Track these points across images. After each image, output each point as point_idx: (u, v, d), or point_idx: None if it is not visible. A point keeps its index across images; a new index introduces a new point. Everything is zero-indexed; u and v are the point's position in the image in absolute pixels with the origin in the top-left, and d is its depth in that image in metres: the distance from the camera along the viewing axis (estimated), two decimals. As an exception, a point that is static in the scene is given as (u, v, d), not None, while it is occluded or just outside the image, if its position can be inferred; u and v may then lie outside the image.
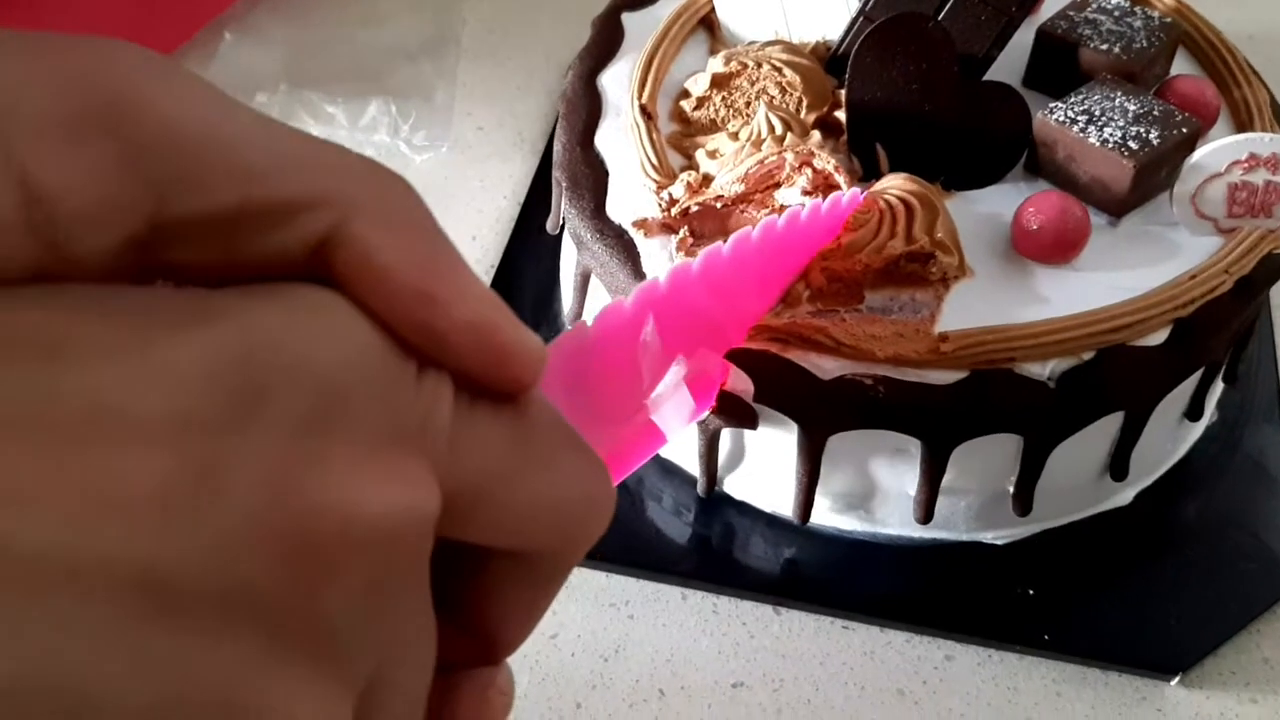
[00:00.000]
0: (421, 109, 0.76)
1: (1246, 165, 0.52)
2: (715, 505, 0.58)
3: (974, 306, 0.51)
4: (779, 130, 0.55)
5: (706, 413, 0.50)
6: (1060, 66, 0.59)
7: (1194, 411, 0.59)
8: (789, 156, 0.53)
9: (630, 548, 0.57)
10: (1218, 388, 0.62)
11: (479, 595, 0.22)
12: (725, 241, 0.44)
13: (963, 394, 0.49)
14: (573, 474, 0.21)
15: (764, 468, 0.56)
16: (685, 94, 0.60)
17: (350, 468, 0.16)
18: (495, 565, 0.22)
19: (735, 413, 0.52)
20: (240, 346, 0.16)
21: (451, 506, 0.18)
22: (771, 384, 0.50)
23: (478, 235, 0.72)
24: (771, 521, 0.58)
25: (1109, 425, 0.54)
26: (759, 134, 0.55)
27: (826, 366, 0.50)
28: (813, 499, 0.55)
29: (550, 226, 0.61)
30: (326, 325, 0.17)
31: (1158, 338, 0.51)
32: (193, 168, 0.17)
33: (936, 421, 0.50)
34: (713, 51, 0.62)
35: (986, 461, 0.53)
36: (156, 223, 0.16)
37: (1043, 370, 0.50)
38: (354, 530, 0.16)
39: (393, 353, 0.18)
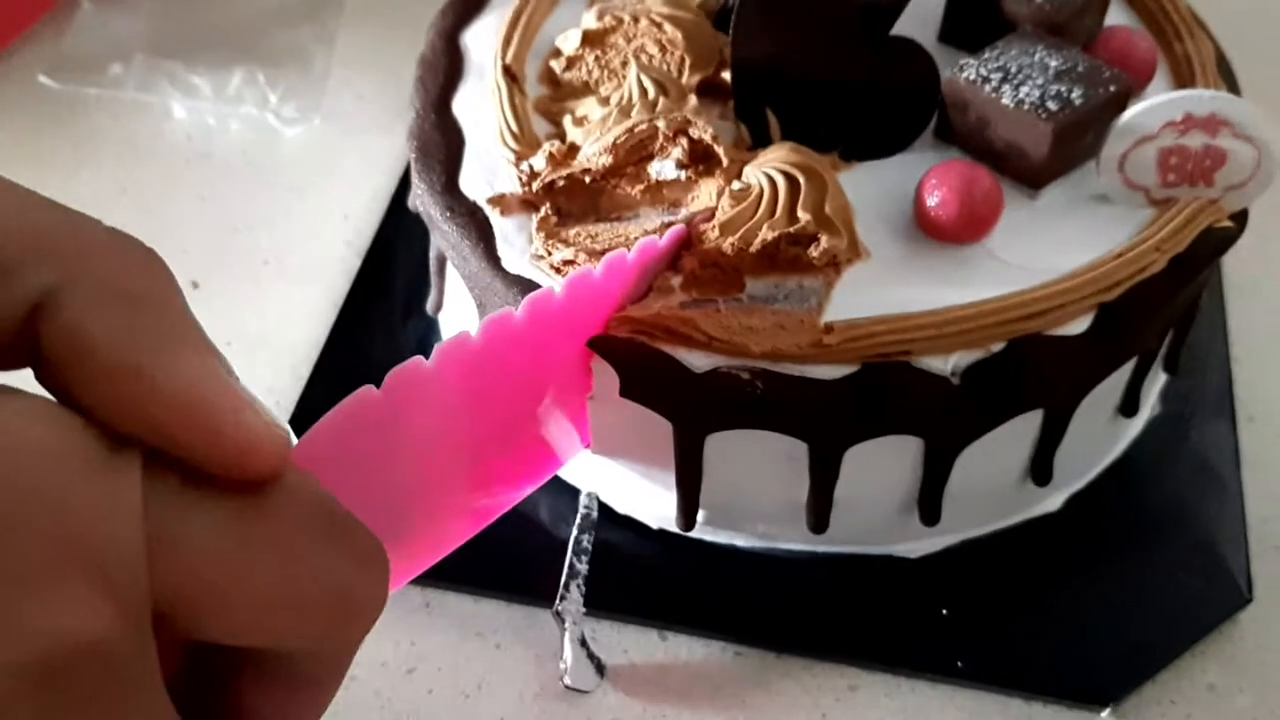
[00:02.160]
0: (293, 78, 0.69)
1: (1181, 127, 0.46)
2: (596, 520, 0.52)
3: (869, 293, 0.45)
4: (651, 94, 0.48)
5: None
6: (979, 20, 0.52)
7: (1128, 406, 0.53)
8: (661, 124, 0.47)
9: (499, 568, 0.51)
10: (1158, 379, 0.56)
11: (247, 697, 0.22)
12: (630, 250, 0.42)
13: (851, 391, 0.43)
14: (321, 567, 0.20)
15: (647, 478, 0.50)
16: (556, 53, 0.53)
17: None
18: (254, 665, 0.21)
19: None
20: None
21: (173, 607, 0.18)
22: (639, 376, 0.44)
23: (350, 214, 0.66)
24: (657, 537, 0.51)
25: (1028, 424, 0.47)
26: (629, 98, 0.48)
27: (697, 362, 0.43)
28: (696, 505, 0.49)
29: (410, 203, 0.54)
30: None
31: (1079, 326, 0.45)
32: None
33: (822, 421, 0.44)
34: (591, 5, 0.56)
35: (887, 466, 0.47)
36: None
37: (944, 364, 0.43)
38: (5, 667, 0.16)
39: (70, 455, 0.17)
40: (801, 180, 0.45)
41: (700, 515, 0.50)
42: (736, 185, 0.46)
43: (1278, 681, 0.49)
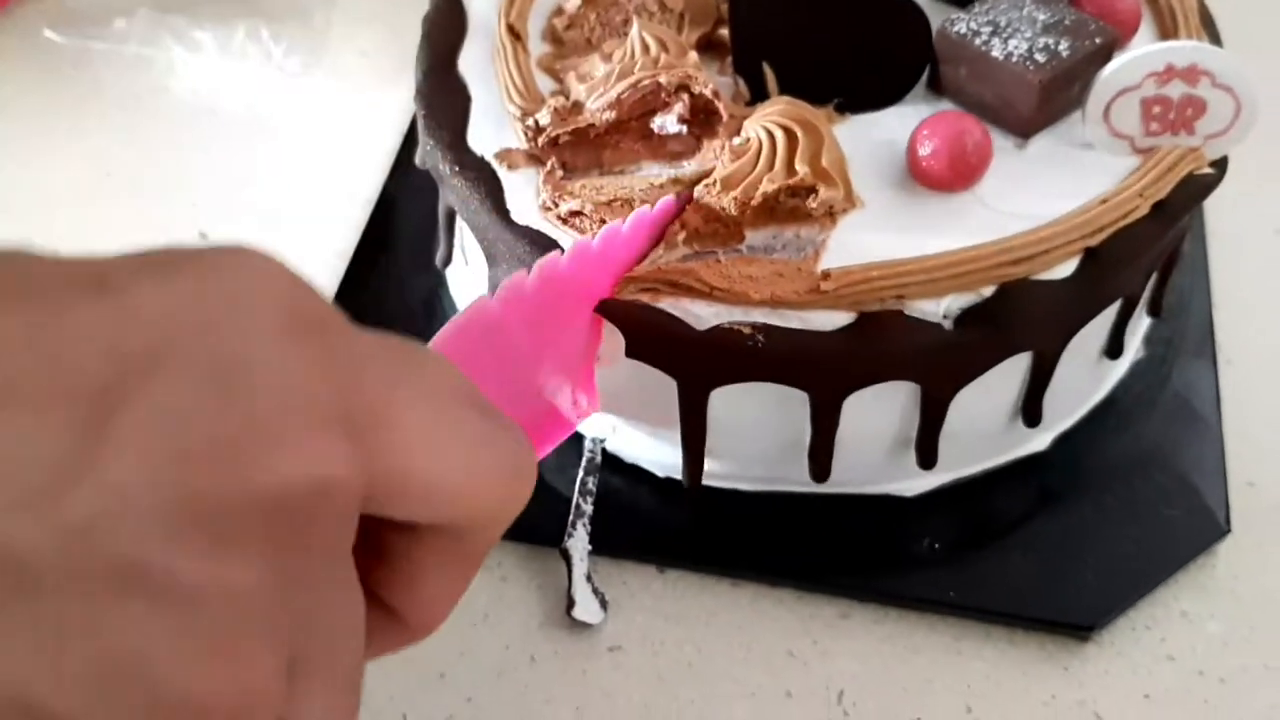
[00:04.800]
0: (296, 32, 0.70)
1: (1163, 78, 0.47)
2: (601, 464, 0.54)
3: (864, 241, 0.46)
4: (653, 50, 0.49)
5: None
6: (969, -27, 0.54)
7: (1113, 349, 0.55)
8: (663, 79, 0.48)
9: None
10: (1142, 322, 0.58)
11: (405, 575, 0.23)
12: (623, 221, 0.44)
13: (849, 340, 0.45)
14: (497, 444, 0.22)
15: (653, 435, 0.52)
16: (559, 11, 0.55)
17: (256, 438, 0.17)
18: (421, 542, 0.22)
19: None
20: (140, 315, 0.16)
21: (381, 483, 0.19)
22: (643, 337, 0.46)
23: (354, 169, 0.67)
24: (662, 483, 0.53)
25: (1017, 366, 0.49)
26: (631, 55, 0.50)
27: (701, 314, 0.45)
28: (702, 460, 0.51)
29: (418, 160, 0.55)
30: (239, 293, 0.18)
31: (1065, 270, 0.47)
32: None
33: (822, 372, 0.46)
34: (591, -37, 0.57)
35: (885, 412, 0.49)
36: None
37: (937, 309, 0.45)
38: (256, 500, 0.16)
39: (315, 324, 0.19)
40: (799, 133, 0.47)
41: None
42: (736, 141, 0.48)
43: (1246, 609, 0.51)
